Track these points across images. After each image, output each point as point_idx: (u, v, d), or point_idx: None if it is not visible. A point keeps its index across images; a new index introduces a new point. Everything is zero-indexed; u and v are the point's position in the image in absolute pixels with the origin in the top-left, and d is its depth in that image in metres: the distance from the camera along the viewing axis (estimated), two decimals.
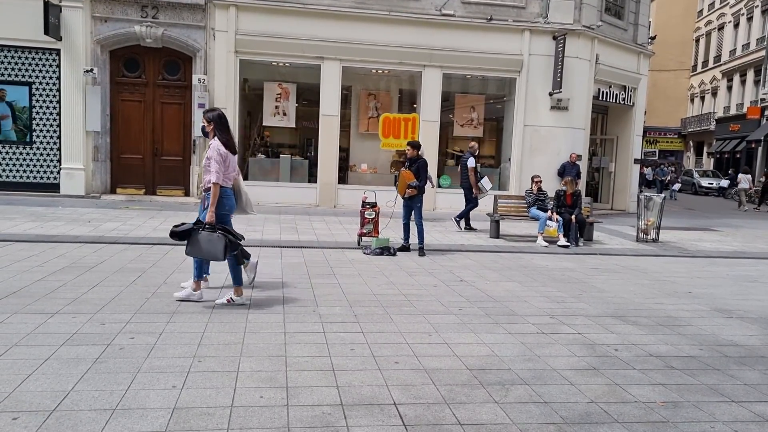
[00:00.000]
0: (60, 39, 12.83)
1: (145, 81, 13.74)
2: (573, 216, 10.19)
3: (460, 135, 15.62)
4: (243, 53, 13.73)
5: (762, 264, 9.48)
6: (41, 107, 13.34)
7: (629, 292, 6.87)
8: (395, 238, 9.26)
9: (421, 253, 8.60)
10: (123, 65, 13.68)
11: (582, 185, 14.59)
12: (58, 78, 13.22)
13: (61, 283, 5.84)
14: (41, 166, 13.47)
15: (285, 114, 14.46)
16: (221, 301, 5.40)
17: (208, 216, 5.20)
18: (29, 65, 13.22)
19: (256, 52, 13.78)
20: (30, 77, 13.25)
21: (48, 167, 13.48)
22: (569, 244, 10.00)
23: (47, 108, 13.36)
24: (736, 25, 35.87)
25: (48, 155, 13.46)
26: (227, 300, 5.39)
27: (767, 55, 30.12)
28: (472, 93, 15.57)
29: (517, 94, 14.78)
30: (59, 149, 13.38)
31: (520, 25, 14.54)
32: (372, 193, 9.27)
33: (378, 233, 9.05)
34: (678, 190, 27.52)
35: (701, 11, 41.32)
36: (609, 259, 9.18)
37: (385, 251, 8.51)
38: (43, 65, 13.25)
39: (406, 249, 8.79)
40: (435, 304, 5.84)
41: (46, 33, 12.35)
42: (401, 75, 15.18)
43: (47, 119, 13.38)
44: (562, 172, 13.85)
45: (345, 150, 15.07)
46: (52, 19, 12.42)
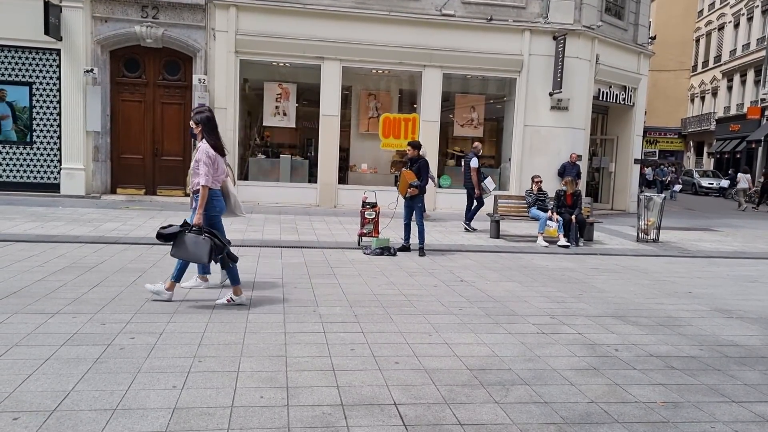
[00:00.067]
0: (60, 39, 12.84)
1: (146, 81, 13.75)
2: (573, 216, 10.19)
3: (460, 135, 15.63)
4: (243, 53, 13.73)
5: (762, 264, 9.48)
6: (41, 107, 13.35)
7: (629, 292, 6.87)
8: (395, 238, 9.26)
9: (422, 254, 8.60)
10: (123, 65, 13.69)
11: (582, 185, 14.58)
12: (58, 78, 13.23)
13: (62, 283, 5.84)
14: (41, 166, 13.47)
15: (285, 114, 14.47)
16: (221, 302, 5.40)
17: (195, 218, 5.19)
18: (29, 65, 13.23)
19: (256, 52, 13.79)
20: (30, 77, 13.25)
21: (48, 167, 13.49)
22: (569, 244, 10.00)
23: (47, 108, 13.36)
24: (736, 25, 35.87)
25: (48, 155, 13.47)
26: (227, 300, 5.39)
27: (767, 55, 30.12)
28: (472, 93, 15.57)
29: (518, 94, 14.78)
30: (59, 149, 13.38)
31: (520, 25, 14.54)
32: (372, 194, 9.27)
33: (378, 233, 9.05)
34: (679, 191, 27.47)
35: (701, 11, 41.32)
36: (609, 259, 9.19)
37: (386, 251, 8.52)
38: (44, 65, 13.25)
39: (406, 249, 8.80)
40: (435, 304, 5.84)
41: (46, 33, 12.36)
42: (401, 75, 15.18)
43: (47, 119, 13.39)
44: (562, 172, 13.85)
45: (345, 150, 15.07)
46: (52, 19, 12.43)
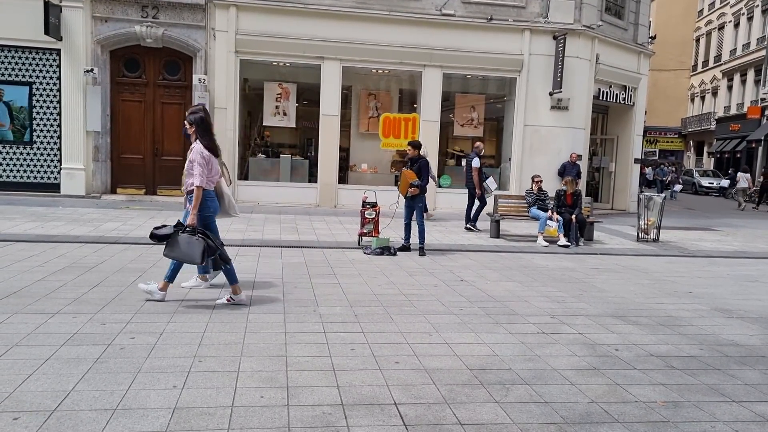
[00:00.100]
0: (60, 39, 12.83)
1: (146, 81, 13.75)
2: (573, 216, 10.19)
3: (460, 135, 15.63)
4: (243, 53, 13.73)
5: (762, 264, 9.48)
6: (42, 107, 13.35)
7: (630, 291, 6.87)
8: (395, 237, 9.26)
9: (422, 253, 8.60)
10: (123, 65, 13.69)
11: (582, 185, 14.58)
12: (58, 78, 13.23)
13: (62, 283, 5.84)
14: (42, 166, 13.47)
15: (285, 114, 14.46)
16: (221, 301, 5.41)
17: (189, 218, 5.20)
18: (29, 65, 13.23)
19: (256, 52, 13.78)
20: (30, 77, 13.25)
21: (48, 167, 13.49)
22: (569, 243, 10.00)
23: (47, 108, 13.36)
24: (736, 25, 35.86)
25: (48, 155, 13.47)
26: (227, 300, 5.40)
27: (767, 55, 30.11)
28: (472, 93, 15.56)
29: (518, 93, 14.78)
30: (59, 149, 13.38)
31: (520, 25, 14.54)
32: (372, 193, 9.27)
33: (378, 233, 9.05)
34: (679, 191, 27.41)
35: (701, 11, 41.32)
36: (609, 259, 9.19)
37: (386, 251, 8.52)
38: (44, 65, 13.25)
39: (406, 249, 8.79)
40: (435, 303, 5.84)
41: (46, 33, 12.36)
42: (401, 75, 15.18)
43: (48, 119, 13.38)
44: (562, 171, 13.84)
45: (345, 150, 15.07)
46: (52, 19, 12.43)
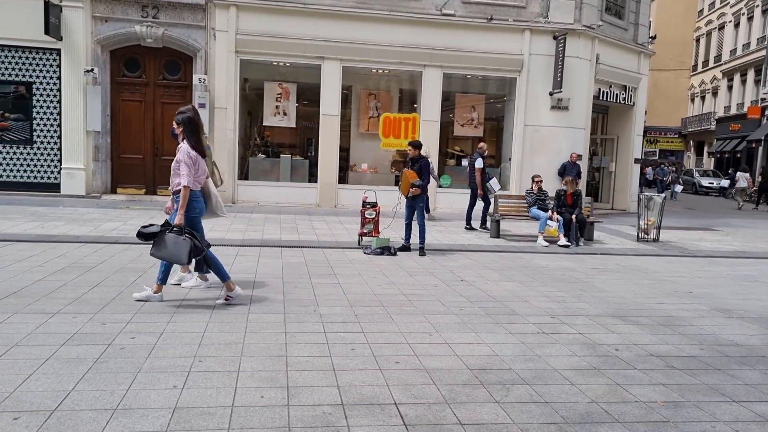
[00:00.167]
0: (60, 39, 12.83)
1: (146, 81, 13.75)
2: (573, 216, 10.19)
3: (460, 135, 15.63)
4: (243, 53, 13.73)
5: (762, 264, 9.47)
6: (42, 107, 13.35)
7: (630, 291, 6.87)
8: (396, 237, 9.26)
9: (422, 253, 8.60)
10: (123, 65, 13.68)
11: (582, 185, 14.58)
12: (58, 78, 13.23)
13: (62, 283, 5.84)
14: (42, 166, 13.47)
15: (285, 114, 14.46)
16: (220, 301, 5.41)
17: (177, 218, 5.19)
18: (30, 65, 13.23)
19: (256, 51, 13.78)
20: (31, 77, 13.26)
21: (48, 167, 13.49)
22: (570, 243, 10.00)
23: (48, 108, 13.36)
24: (736, 25, 35.86)
25: (48, 155, 13.46)
26: (225, 299, 5.41)
27: (767, 55, 30.10)
28: (472, 93, 15.56)
29: (518, 93, 14.78)
30: (60, 149, 13.38)
31: (520, 25, 14.54)
32: (372, 193, 9.28)
33: (378, 233, 9.05)
34: (680, 191, 27.32)
35: (701, 11, 41.31)
36: (609, 259, 9.19)
37: (386, 251, 8.51)
38: (44, 65, 13.25)
39: (406, 249, 8.79)
40: (435, 303, 5.84)
41: (46, 33, 12.36)
42: (401, 75, 15.17)
43: (48, 119, 13.39)
44: (562, 171, 13.84)
45: (345, 150, 15.06)
46: (52, 19, 12.42)
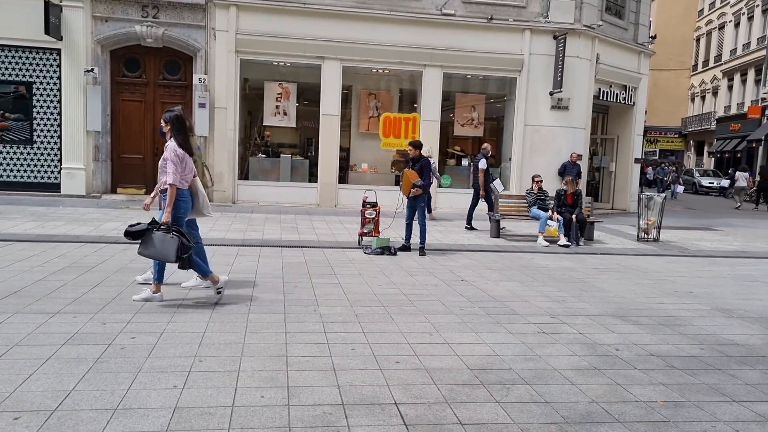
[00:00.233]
0: (60, 39, 12.83)
1: (146, 81, 13.74)
2: (573, 215, 10.19)
3: (460, 135, 15.63)
4: (243, 53, 13.72)
5: (763, 263, 9.47)
6: (42, 107, 13.35)
7: (630, 291, 6.87)
8: (396, 237, 9.26)
9: (422, 253, 8.60)
10: (123, 65, 13.68)
11: (582, 185, 14.58)
12: (58, 78, 13.22)
13: (62, 283, 5.84)
14: (42, 165, 13.47)
15: (285, 114, 14.46)
16: (212, 293, 5.52)
17: (164, 216, 5.20)
18: (30, 65, 13.23)
19: (256, 51, 13.78)
20: (31, 77, 13.26)
21: (49, 167, 13.49)
22: (570, 243, 10.00)
23: (48, 108, 13.36)
24: (736, 25, 35.85)
25: (49, 155, 13.46)
26: (216, 292, 5.49)
27: None
28: (472, 92, 15.56)
29: (518, 93, 14.77)
30: (60, 149, 13.38)
31: (520, 25, 14.53)
32: (372, 193, 9.27)
33: (378, 233, 9.04)
34: (681, 191, 27.24)
35: (702, 10, 41.30)
36: (610, 259, 9.18)
37: (386, 251, 8.51)
38: (44, 65, 13.25)
39: (406, 249, 8.79)
40: (436, 303, 5.84)
41: (46, 33, 12.35)
42: (402, 74, 15.17)
43: (48, 119, 13.38)
44: (562, 171, 13.84)
45: (345, 150, 15.06)
46: (52, 19, 12.42)
